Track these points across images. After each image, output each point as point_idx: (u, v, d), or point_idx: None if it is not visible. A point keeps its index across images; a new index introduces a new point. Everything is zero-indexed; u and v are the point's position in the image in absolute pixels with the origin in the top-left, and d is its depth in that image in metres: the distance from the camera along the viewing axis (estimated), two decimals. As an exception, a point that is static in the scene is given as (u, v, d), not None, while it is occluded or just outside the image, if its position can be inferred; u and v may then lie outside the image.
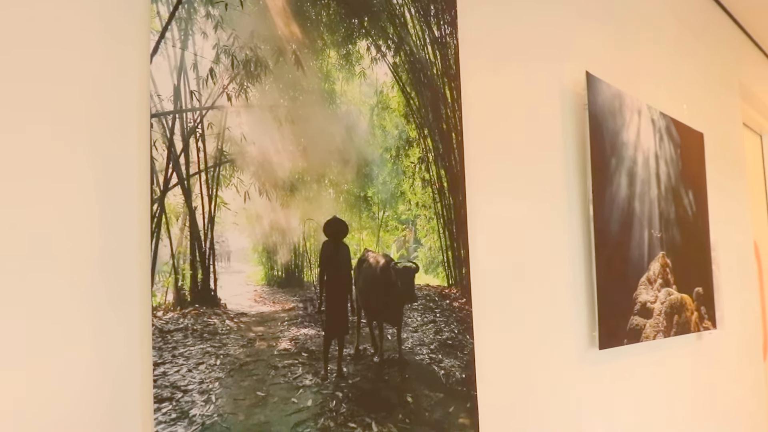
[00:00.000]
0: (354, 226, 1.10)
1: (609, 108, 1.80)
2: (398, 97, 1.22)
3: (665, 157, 2.13)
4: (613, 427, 1.81)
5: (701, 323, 2.28)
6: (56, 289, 0.73)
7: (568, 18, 1.81)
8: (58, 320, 0.73)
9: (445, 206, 1.30)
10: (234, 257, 0.92)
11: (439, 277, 1.27)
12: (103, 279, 0.77)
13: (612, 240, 1.77)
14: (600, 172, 1.74)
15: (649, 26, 2.30)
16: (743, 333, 2.90)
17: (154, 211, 0.82)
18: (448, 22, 1.34)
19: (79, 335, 0.75)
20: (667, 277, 2.06)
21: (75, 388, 0.74)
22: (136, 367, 0.79)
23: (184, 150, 0.86)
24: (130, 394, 0.79)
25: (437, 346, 1.23)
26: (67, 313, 0.74)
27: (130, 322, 0.79)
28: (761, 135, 3.97)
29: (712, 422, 2.45)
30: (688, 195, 2.28)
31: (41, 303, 0.72)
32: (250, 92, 0.95)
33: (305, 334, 1.00)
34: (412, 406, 1.16)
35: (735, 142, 3.04)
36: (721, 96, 2.93)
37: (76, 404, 0.74)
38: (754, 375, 2.99)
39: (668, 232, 2.10)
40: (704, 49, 2.79)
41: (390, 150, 1.19)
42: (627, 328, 1.81)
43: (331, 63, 1.08)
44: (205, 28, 0.90)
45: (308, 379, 0.99)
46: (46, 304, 0.73)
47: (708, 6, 2.90)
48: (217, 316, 0.89)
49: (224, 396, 0.87)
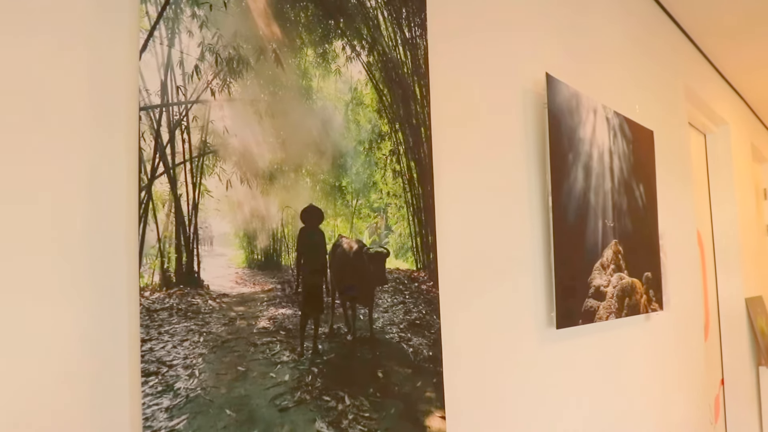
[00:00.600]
0: (329, 213, 1.11)
1: (567, 107, 1.83)
2: (371, 94, 1.23)
3: (618, 153, 2.17)
4: (569, 399, 1.85)
5: (649, 305, 2.33)
6: (50, 270, 0.74)
7: (530, 23, 1.84)
8: (51, 300, 0.74)
9: (414, 196, 1.32)
10: (216, 241, 0.92)
11: (408, 261, 1.29)
12: (94, 261, 0.78)
13: (569, 229, 1.81)
14: (558, 166, 1.77)
15: (604, 34, 2.34)
16: (687, 314, 2.97)
17: (141, 198, 0.83)
18: (418, 25, 1.35)
19: (72, 314, 0.75)
20: (619, 263, 2.10)
21: (68, 363, 0.75)
22: (124, 344, 0.80)
23: (170, 141, 0.87)
24: (119, 369, 0.80)
25: (406, 326, 1.25)
26: (60, 294, 0.75)
27: (119, 302, 0.80)
28: (705, 134, 4.05)
29: (659, 394, 2.52)
30: (639, 188, 2.32)
31: (35, 282, 0.73)
32: (233, 88, 0.95)
33: (283, 314, 1.01)
34: (383, 381, 1.17)
35: (681, 140, 3.10)
36: (669, 98, 2.98)
37: (69, 377, 0.75)
38: (696, 352, 3.07)
39: (620, 221, 2.14)
40: (654, 55, 2.84)
41: (363, 143, 1.20)
42: (582, 310, 1.84)
43: (308, 61, 1.09)
44: (191, 27, 0.90)
45: (285, 356, 1.00)
46: (40, 284, 0.73)
47: (658, 16, 2.96)
48: (201, 296, 0.89)
49: (207, 371, 0.88)
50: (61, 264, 0.75)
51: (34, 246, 0.73)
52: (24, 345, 0.71)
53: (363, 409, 1.12)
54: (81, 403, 0.75)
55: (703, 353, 3.20)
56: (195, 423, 0.85)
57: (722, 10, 3.05)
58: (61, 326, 0.74)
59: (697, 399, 3.01)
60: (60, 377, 0.74)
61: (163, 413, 0.81)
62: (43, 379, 0.73)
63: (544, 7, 1.93)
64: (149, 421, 0.80)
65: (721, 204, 4.01)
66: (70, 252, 0.76)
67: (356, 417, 1.10)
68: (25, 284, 0.72)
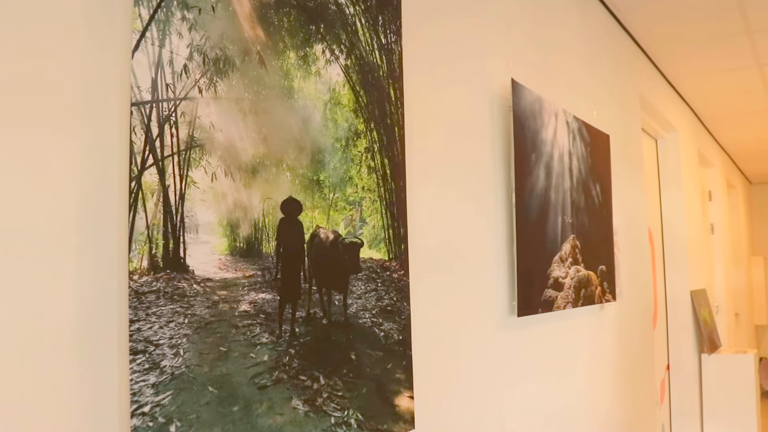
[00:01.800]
0: (307, 205, 1.12)
1: (530, 110, 1.86)
2: (348, 95, 1.24)
3: (577, 154, 2.20)
4: (529, 380, 1.89)
5: (603, 296, 2.37)
6: (45, 254, 0.74)
7: (497, 31, 1.86)
8: (46, 282, 0.74)
9: (387, 190, 1.33)
10: (201, 230, 0.93)
11: (381, 251, 1.30)
12: (87, 246, 0.78)
13: (531, 223, 1.84)
14: (522, 165, 1.79)
15: (565, 44, 2.38)
16: (637, 305, 3.04)
17: (132, 188, 0.83)
18: (393, 31, 1.36)
19: (64, 296, 0.76)
20: (576, 257, 2.13)
21: (60, 342, 0.75)
22: (114, 324, 0.81)
23: (159, 135, 0.87)
24: (109, 347, 0.80)
25: (378, 312, 1.26)
26: (53, 276, 0.75)
27: (110, 284, 0.80)
28: (656, 139, 4.13)
29: (610, 378, 2.57)
30: (595, 187, 2.36)
31: (31, 264, 0.73)
32: (219, 86, 0.96)
33: (263, 298, 1.01)
34: (355, 363, 1.19)
35: (635, 144, 3.16)
36: (624, 105, 3.04)
37: (60, 354, 0.75)
38: (645, 339, 3.14)
39: (578, 218, 2.18)
40: (611, 65, 2.89)
41: (340, 140, 1.21)
42: (542, 299, 1.88)
43: (290, 63, 1.10)
44: (181, 29, 0.90)
45: (265, 338, 1.01)
46: (36, 267, 0.73)
47: (614, 29, 3.01)
48: (186, 280, 0.90)
49: (191, 350, 0.88)
50: (56, 248, 0.75)
51: (30, 231, 0.73)
52: (20, 322, 0.71)
53: (337, 389, 1.13)
54: (72, 377, 0.76)
55: (651, 340, 3.27)
56: (179, 398, 0.85)
57: (673, 23, 3.11)
58: (54, 306, 0.75)
59: (644, 382, 3.08)
60: (52, 353, 0.74)
61: (149, 389, 0.82)
62: (36, 355, 0.73)
63: (511, 18, 1.95)
64: (136, 396, 0.80)
65: (670, 204, 4.09)
66: (65, 237, 0.76)
67: (330, 396, 1.12)
68: (23, 265, 0.72)
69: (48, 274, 0.74)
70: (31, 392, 0.72)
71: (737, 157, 6.84)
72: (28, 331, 0.72)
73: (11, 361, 0.71)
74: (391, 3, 1.36)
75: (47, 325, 0.74)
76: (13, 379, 0.71)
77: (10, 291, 0.71)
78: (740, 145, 6.13)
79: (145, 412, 0.81)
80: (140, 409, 0.80)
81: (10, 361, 0.71)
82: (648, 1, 2.84)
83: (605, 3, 2.83)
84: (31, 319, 0.73)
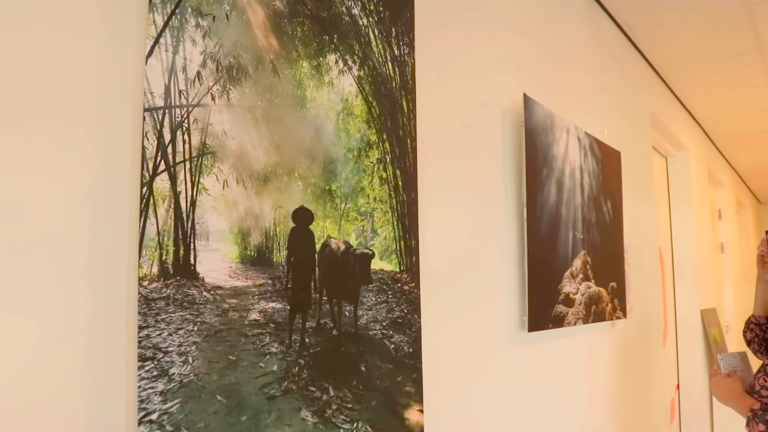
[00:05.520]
0: (319, 215, 1.11)
1: (542, 125, 1.84)
2: (361, 105, 1.23)
3: (588, 171, 2.19)
4: (539, 397, 1.85)
5: (614, 313, 2.34)
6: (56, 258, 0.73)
7: (511, 47, 1.85)
8: (57, 285, 0.73)
9: (399, 202, 1.32)
10: (212, 237, 0.91)
11: (392, 263, 1.28)
12: (97, 251, 0.77)
13: (541, 239, 1.81)
14: (533, 179, 1.77)
15: (578, 61, 2.37)
16: (647, 322, 2.99)
17: (143, 194, 0.82)
18: (406, 44, 1.35)
19: (73, 300, 0.74)
20: (587, 273, 2.11)
21: (68, 347, 0.73)
22: (123, 330, 0.79)
23: (171, 141, 0.86)
24: (118, 353, 0.78)
25: (389, 324, 1.24)
26: (64, 280, 0.73)
27: (119, 290, 0.79)
28: (666, 157, 4.09)
29: (620, 395, 2.52)
30: (606, 204, 2.34)
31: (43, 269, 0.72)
32: (232, 94, 0.95)
33: (273, 308, 1.00)
34: (365, 375, 1.17)
35: (645, 162, 3.13)
36: (635, 122, 3.02)
37: (69, 359, 0.73)
38: (655, 357, 3.09)
39: (589, 234, 2.15)
40: (622, 83, 2.88)
41: (353, 150, 1.20)
42: (552, 315, 1.85)
43: (303, 72, 1.09)
44: (195, 36, 0.90)
45: (274, 347, 0.99)
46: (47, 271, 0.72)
47: (625, 47, 3.00)
48: (196, 288, 0.88)
49: (200, 358, 0.87)
50: (67, 252, 0.74)
51: (42, 234, 0.72)
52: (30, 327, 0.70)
53: (346, 401, 1.11)
54: (80, 383, 0.74)
55: (661, 359, 3.21)
56: (187, 407, 0.83)
57: (684, 42, 3.09)
58: (64, 310, 0.73)
59: (654, 401, 3.02)
60: (62, 358, 0.72)
61: (157, 396, 0.80)
62: (44, 360, 0.71)
63: (525, 33, 1.95)
64: (144, 403, 0.78)
65: (680, 223, 4.04)
66: (76, 241, 0.75)
67: (339, 407, 1.09)
68: (34, 270, 0.71)
69: (58, 278, 0.73)
70: (38, 398, 0.70)
71: (747, 177, 6.78)
72: (37, 336, 0.71)
73: (20, 366, 0.69)
74: (405, 15, 1.35)
75: (56, 329, 0.72)
76: (21, 385, 0.69)
77: (19, 296, 0.69)
78: (750, 164, 6.08)
79: (152, 420, 0.79)
80: (148, 416, 0.78)
81: (20, 366, 0.69)
82: (659, 20, 2.83)
83: (616, 21, 2.82)
84: (40, 324, 0.71)
